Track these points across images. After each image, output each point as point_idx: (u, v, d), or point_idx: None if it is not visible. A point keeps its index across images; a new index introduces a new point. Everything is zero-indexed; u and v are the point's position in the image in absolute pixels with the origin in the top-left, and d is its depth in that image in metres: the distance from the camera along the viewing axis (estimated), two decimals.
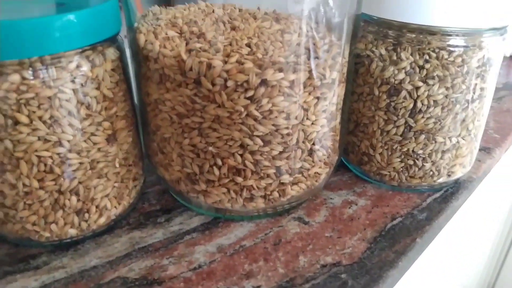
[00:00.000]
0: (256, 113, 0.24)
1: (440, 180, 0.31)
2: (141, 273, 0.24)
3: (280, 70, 0.23)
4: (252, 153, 0.25)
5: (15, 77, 0.21)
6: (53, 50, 0.21)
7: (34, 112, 0.22)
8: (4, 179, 0.23)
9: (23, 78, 0.21)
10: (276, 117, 0.24)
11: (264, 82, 0.23)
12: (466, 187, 0.32)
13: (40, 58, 0.21)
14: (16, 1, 0.25)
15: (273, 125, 0.24)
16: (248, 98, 0.23)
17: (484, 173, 0.35)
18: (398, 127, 0.29)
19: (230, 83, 0.23)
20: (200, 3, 0.28)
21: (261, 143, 0.24)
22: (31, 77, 0.21)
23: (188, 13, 0.27)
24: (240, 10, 0.28)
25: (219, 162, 0.25)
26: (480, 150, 0.37)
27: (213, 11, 0.27)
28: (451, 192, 0.32)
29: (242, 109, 0.23)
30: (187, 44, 0.24)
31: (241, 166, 0.25)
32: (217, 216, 0.29)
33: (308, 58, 0.24)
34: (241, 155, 0.25)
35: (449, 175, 0.31)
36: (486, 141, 0.40)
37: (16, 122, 0.22)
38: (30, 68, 0.21)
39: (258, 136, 0.24)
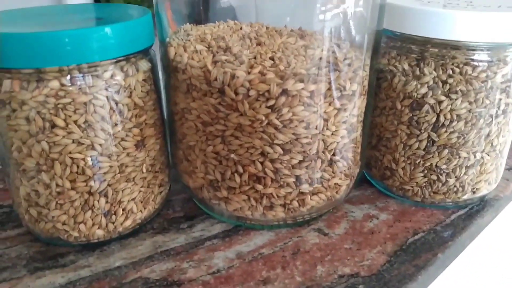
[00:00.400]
0: (277, 122, 0.24)
1: (465, 196, 0.30)
2: (161, 275, 0.25)
3: (301, 80, 0.24)
4: (272, 161, 0.26)
5: (55, 83, 0.23)
6: (90, 59, 0.23)
7: (70, 116, 0.24)
8: (39, 179, 0.25)
9: (62, 85, 0.23)
10: (296, 126, 0.25)
11: (285, 92, 0.24)
12: (492, 205, 0.32)
13: (78, 66, 0.23)
14: (59, 15, 0.28)
15: (293, 134, 0.25)
16: (269, 107, 0.24)
17: None
18: (421, 141, 0.29)
19: (252, 93, 0.24)
20: (229, 22, 0.30)
21: (281, 152, 0.25)
22: (69, 84, 0.23)
23: (217, 30, 0.28)
24: (267, 27, 0.29)
25: (240, 169, 0.26)
26: (509, 169, 0.36)
27: (240, 28, 0.29)
28: (477, 210, 0.31)
29: (263, 118, 0.24)
30: (213, 56, 0.25)
31: (261, 174, 0.26)
32: (238, 224, 0.29)
33: (330, 71, 0.25)
34: (262, 163, 0.26)
35: (474, 192, 0.30)
36: None
37: (53, 125, 0.24)
38: (69, 75, 0.23)
39: (278, 144, 0.25)
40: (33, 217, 0.26)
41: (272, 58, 0.25)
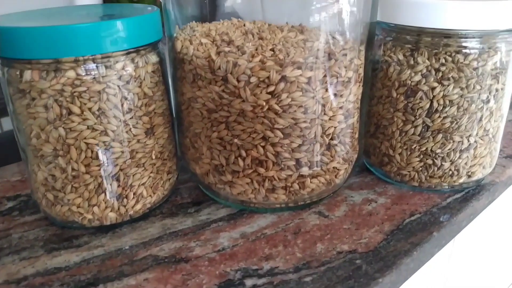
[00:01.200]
0: (277, 107, 0.26)
1: (461, 180, 0.31)
2: (170, 253, 0.27)
3: (299, 68, 0.26)
4: (273, 145, 0.27)
5: (71, 73, 0.25)
6: (103, 51, 0.25)
7: (85, 104, 0.25)
8: (56, 163, 0.27)
9: (77, 74, 0.25)
10: (295, 111, 0.26)
11: (283, 78, 0.26)
12: (488, 189, 0.33)
13: (92, 57, 0.25)
14: (75, 13, 0.30)
15: (292, 118, 0.26)
16: (269, 93, 0.26)
17: (509, 178, 0.35)
18: (416, 127, 0.31)
19: (253, 79, 0.26)
20: (233, 19, 0.31)
21: (281, 136, 0.27)
22: (84, 73, 0.25)
23: (221, 27, 0.30)
24: (269, 24, 0.31)
25: (244, 153, 0.28)
26: (505, 157, 0.37)
27: (244, 25, 0.31)
28: (473, 194, 0.32)
29: (264, 103, 0.26)
30: (217, 48, 0.27)
31: (263, 158, 0.27)
32: (242, 208, 0.31)
33: (326, 60, 0.26)
34: (263, 147, 0.27)
35: (469, 176, 0.31)
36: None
37: (70, 112, 0.25)
38: (84, 66, 0.25)
39: (278, 128, 0.27)
40: (50, 201, 0.28)
41: (272, 50, 0.26)
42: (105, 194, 0.28)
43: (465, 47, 0.29)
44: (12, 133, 0.29)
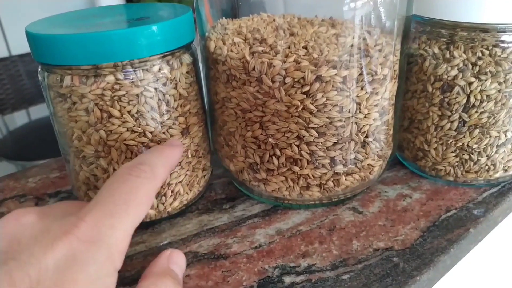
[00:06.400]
0: (312, 107, 0.26)
1: (497, 175, 0.31)
2: (209, 249, 0.27)
3: (334, 67, 0.25)
4: (308, 144, 0.27)
5: (111, 78, 0.26)
6: (141, 55, 0.26)
7: (124, 107, 0.26)
8: (98, 164, 0.28)
9: (117, 79, 0.26)
10: (330, 110, 0.26)
11: (318, 78, 0.26)
12: None
13: (130, 62, 0.26)
14: (107, 16, 0.30)
15: (327, 117, 0.26)
16: (304, 93, 0.26)
17: None
18: (452, 122, 0.30)
19: (288, 80, 0.26)
20: (262, 14, 0.31)
21: (316, 135, 0.27)
22: (123, 78, 0.26)
23: (252, 23, 0.30)
24: (299, 18, 0.30)
25: (278, 152, 0.28)
26: None
27: (274, 20, 0.31)
28: (509, 188, 0.32)
29: (299, 103, 0.26)
30: (250, 48, 0.27)
31: (297, 156, 0.28)
32: (276, 205, 0.31)
33: (361, 57, 0.26)
34: (298, 146, 0.27)
35: (505, 170, 0.31)
36: None
37: (110, 116, 0.26)
38: (122, 70, 0.26)
39: (313, 128, 0.27)
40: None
41: (305, 47, 0.26)
42: None
43: (503, 41, 0.28)
44: (38, 122, 0.30)
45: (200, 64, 0.31)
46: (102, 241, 0.19)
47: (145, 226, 0.30)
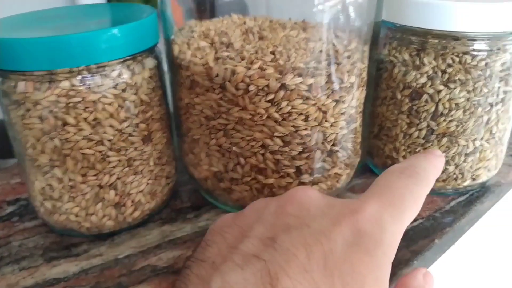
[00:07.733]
0: (276, 115, 0.25)
1: (465, 183, 0.31)
2: (168, 262, 0.26)
3: (299, 75, 0.25)
4: (273, 153, 0.26)
5: (66, 84, 0.24)
6: (99, 60, 0.24)
7: (80, 114, 0.25)
8: (53, 173, 0.26)
9: (72, 85, 0.24)
10: (295, 118, 0.26)
11: (283, 86, 0.25)
12: (493, 191, 0.32)
13: (87, 67, 0.24)
14: (70, 17, 0.29)
15: (292, 126, 0.26)
16: (268, 101, 0.25)
17: None
18: (420, 130, 0.30)
19: (252, 88, 0.25)
20: (233, 16, 0.30)
21: (281, 144, 0.26)
22: (79, 84, 0.24)
23: (221, 25, 0.29)
24: (271, 21, 0.29)
25: (242, 161, 0.27)
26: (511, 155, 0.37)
27: (244, 23, 0.30)
28: (477, 196, 0.32)
29: (263, 111, 0.25)
30: (216, 52, 0.26)
31: (262, 165, 0.27)
32: None
33: (329, 64, 0.25)
34: (263, 155, 0.27)
35: (473, 179, 0.31)
36: None
37: (65, 123, 0.25)
38: (78, 76, 0.24)
39: (278, 136, 0.26)
40: (48, 210, 0.28)
41: (273, 53, 0.25)
42: (103, 203, 0.27)
43: (474, 50, 0.27)
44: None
45: (166, 68, 0.30)
46: (385, 227, 0.19)
47: (104, 238, 0.29)
